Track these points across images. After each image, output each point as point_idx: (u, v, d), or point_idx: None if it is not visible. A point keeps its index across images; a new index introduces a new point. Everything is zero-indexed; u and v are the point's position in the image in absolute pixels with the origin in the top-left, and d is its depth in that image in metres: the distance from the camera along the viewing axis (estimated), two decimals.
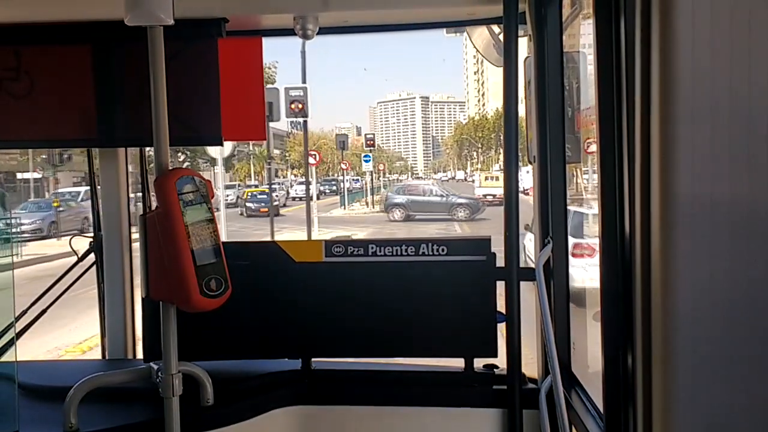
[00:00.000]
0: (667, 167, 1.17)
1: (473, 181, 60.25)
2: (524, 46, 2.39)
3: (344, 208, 37.72)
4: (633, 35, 1.24)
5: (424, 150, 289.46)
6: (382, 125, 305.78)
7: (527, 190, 2.58)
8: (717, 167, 1.16)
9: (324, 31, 2.59)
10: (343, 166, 44.93)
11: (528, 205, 2.58)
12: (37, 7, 2.42)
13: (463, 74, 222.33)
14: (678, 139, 1.16)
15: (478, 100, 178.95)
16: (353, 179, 65.86)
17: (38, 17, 2.50)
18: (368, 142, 46.51)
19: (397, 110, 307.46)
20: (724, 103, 1.15)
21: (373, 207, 37.95)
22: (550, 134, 2.34)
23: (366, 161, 43.07)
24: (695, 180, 1.16)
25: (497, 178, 41.58)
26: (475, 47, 2.96)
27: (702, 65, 1.15)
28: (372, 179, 45.80)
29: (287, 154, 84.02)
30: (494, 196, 35.65)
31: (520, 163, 2.41)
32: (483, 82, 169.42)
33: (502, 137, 2.33)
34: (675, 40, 1.15)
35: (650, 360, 1.23)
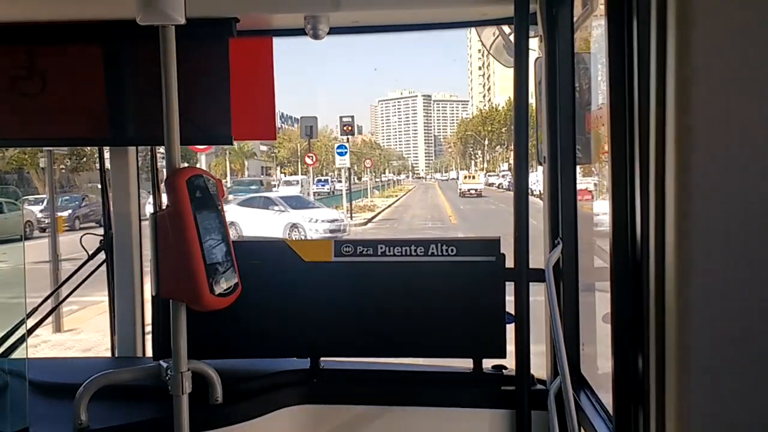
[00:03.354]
0: (683, 170, 1.19)
1: (456, 179, 75.94)
2: (535, 46, 2.47)
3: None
4: (648, 37, 1.26)
5: (425, 149, 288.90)
6: (383, 124, 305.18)
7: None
8: (732, 169, 1.18)
9: (334, 31, 2.65)
10: (309, 161, 35.09)
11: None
12: (49, 7, 2.49)
13: (467, 70, 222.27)
14: (694, 141, 1.18)
15: (484, 96, 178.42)
16: (320, 180, 54.53)
17: (50, 16, 2.57)
18: (345, 128, 34.23)
19: (399, 109, 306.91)
20: (741, 107, 1.18)
21: (351, 217, 30.06)
22: (561, 135, 2.40)
23: (341, 154, 32.75)
24: (711, 182, 1.19)
25: (474, 177, 58.26)
26: (485, 47, 3.03)
27: (718, 68, 1.17)
28: (350, 179, 35.81)
29: (276, 150, 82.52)
30: (476, 190, 50.17)
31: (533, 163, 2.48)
32: (489, 76, 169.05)
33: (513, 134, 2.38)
34: (691, 42, 1.17)
35: (663, 362, 1.25)
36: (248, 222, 22.60)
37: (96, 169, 3.30)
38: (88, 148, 28.09)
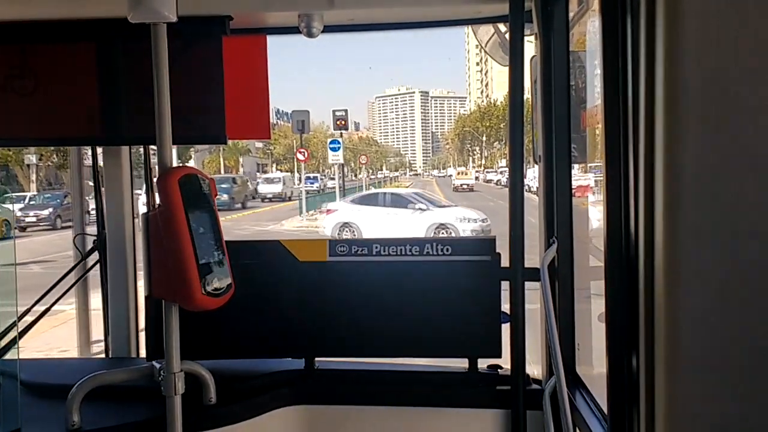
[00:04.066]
0: (672, 168, 1.19)
1: (450, 175, 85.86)
2: (530, 45, 2.48)
3: (303, 217, 28.60)
4: (638, 34, 1.26)
5: (423, 146, 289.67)
6: (381, 120, 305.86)
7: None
8: (722, 168, 1.18)
9: (329, 29, 2.64)
10: (300, 157, 33.29)
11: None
12: (42, 5, 2.47)
13: (465, 66, 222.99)
14: (683, 138, 1.18)
15: (482, 92, 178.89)
16: (308, 177, 50.98)
17: (43, 15, 2.55)
18: (338, 122, 33.11)
19: (396, 105, 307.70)
20: (732, 103, 1.17)
21: None
22: (556, 133, 2.41)
23: (333, 150, 31.42)
24: (700, 181, 1.18)
25: (467, 174, 67.25)
26: (480, 45, 3.04)
27: (710, 65, 1.17)
28: (343, 176, 34.49)
29: (271, 147, 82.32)
30: (468, 185, 55.57)
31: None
32: (487, 72, 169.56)
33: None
34: (682, 38, 1.17)
35: (653, 362, 1.25)
36: (372, 222, 20.72)
37: (85, 165, 3.29)
38: None
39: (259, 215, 32.19)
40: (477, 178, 78.57)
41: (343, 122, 33.24)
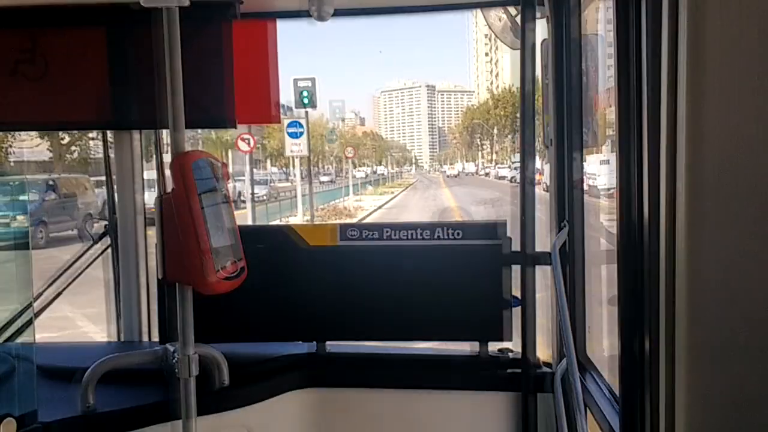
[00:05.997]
0: (695, 150, 1.20)
1: (456, 175, 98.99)
2: (541, 29, 2.51)
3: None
4: (659, 21, 1.26)
5: (429, 141, 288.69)
6: (386, 115, 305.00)
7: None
8: (746, 150, 1.19)
9: (339, 13, 2.67)
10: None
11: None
12: None
13: (473, 57, 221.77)
14: (706, 122, 1.19)
15: (491, 83, 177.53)
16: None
17: (53, 0, 2.62)
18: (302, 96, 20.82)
19: (402, 100, 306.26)
20: (756, 91, 1.17)
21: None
22: (567, 117, 2.45)
23: (293, 135, 21.52)
24: (723, 163, 1.19)
25: (454, 167, 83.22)
26: (490, 29, 3.07)
27: (733, 50, 1.17)
28: (310, 173, 25.05)
29: (265, 141, 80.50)
30: (456, 174, 70.81)
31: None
32: (497, 62, 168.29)
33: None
34: (704, 22, 1.17)
35: (673, 342, 1.26)
36: None
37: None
38: (66, 137, 28.22)
39: None
40: (487, 174, 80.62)
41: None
